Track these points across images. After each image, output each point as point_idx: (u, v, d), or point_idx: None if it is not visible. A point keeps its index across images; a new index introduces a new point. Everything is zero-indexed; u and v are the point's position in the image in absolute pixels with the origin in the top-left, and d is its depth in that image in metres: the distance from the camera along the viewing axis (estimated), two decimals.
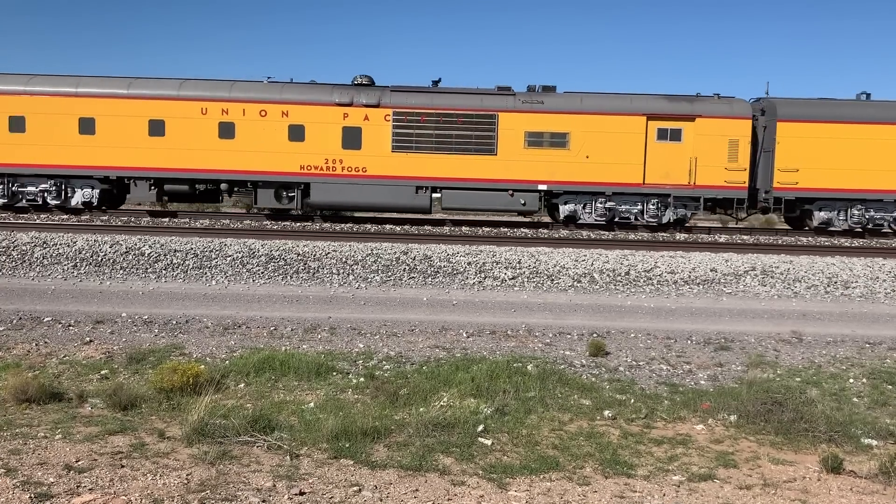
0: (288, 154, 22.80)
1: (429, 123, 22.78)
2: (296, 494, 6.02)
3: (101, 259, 15.26)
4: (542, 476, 6.66)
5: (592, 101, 23.09)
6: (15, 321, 11.84)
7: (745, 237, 22.67)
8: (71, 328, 11.58)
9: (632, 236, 21.88)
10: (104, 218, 22.22)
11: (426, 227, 22.90)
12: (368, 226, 22.75)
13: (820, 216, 23.38)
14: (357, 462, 6.78)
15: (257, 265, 15.27)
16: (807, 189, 23.08)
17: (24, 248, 15.57)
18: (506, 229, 22.64)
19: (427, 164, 22.80)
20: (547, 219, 26.01)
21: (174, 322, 12.09)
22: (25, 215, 22.37)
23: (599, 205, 22.96)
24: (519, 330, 12.28)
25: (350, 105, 22.75)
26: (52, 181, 23.04)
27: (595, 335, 11.97)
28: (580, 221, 23.11)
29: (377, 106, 22.77)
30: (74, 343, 10.73)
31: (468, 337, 11.76)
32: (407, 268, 15.40)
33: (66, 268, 14.99)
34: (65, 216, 22.56)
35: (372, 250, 16.14)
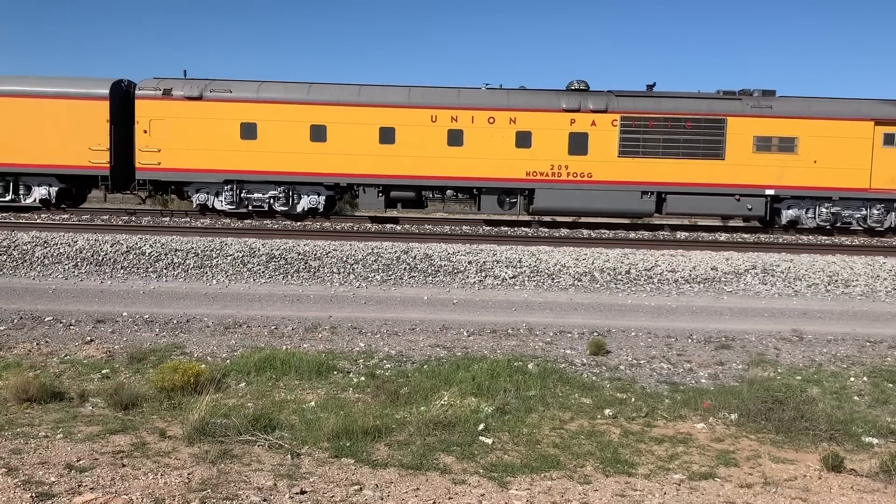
0: (514, 160, 22.86)
1: (656, 128, 22.73)
2: (297, 493, 6.02)
3: (102, 258, 15.27)
4: (542, 475, 6.66)
5: (821, 105, 23.09)
6: (16, 321, 11.85)
7: (745, 236, 22.64)
8: (72, 327, 11.59)
9: (632, 235, 21.88)
10: (105, 217, 22.22)
11: (426, 227, 22.90)
12: (369, 225, 22.75)
13: None
14: (358, 461, 6.79)
15: (258, 264, 15.28)
16: None
17: (24, 247, 15.58)
18: (506, 228, 22.63)
19: (653, 169, 22.74)
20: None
21: (175, 321, 12.09)
22: (26, 215, 22.36)
23: (824, 210, 22.98)
24: (520, 329, 12.28)
25: (577, 111, 22.77)
26: (282, 188, 23.12)
27: (596, 334, 11.97)
28: (801, 226, 23.21)
29: (605, 111, 22.76)
30: (75, 342, 10.74)
31: (469, 336, 11.76)
32: (407, 267, 15.41)
33: (66, 267, 15.00)
34: (65, 216, 22.54)
35: (372, 249, 16.15)
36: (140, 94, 22.90)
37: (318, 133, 22.82)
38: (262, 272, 15.07)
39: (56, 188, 23.13)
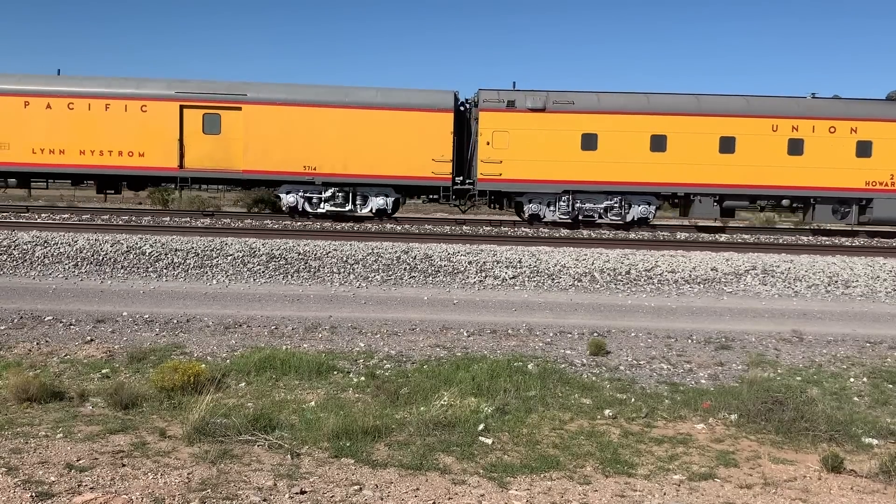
0: (853, 170, 23.06)
1: None
2: (297, 493, 6.02)
3: (102, 258, 15.28)
4: (542, 475, 6.66)
5: None
6: (16, 320, 11.85)
7: (745, 236, 22.66)
8: (72, 327, 11.59)
9: (632, 235, 21.88)
10: (105, 217, 22.24)
11: (427, 227, 22.91)
12: (369, 225, 22.76)
13: None
14: (358, 461, 6.79)
15: (258, 264, 15.28)
16: None
17: (25, 247, 15.58)
18: (506, 228, 22.64)
19: None
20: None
21: (175, 321, 12.09)
22: (26, 214, 22.37)
23: None
24: (520, 329, 12.28)
25: None
26: (616, 198, 23.29)
27: (596, 334, 11.97)
28: None
29: None
30: (75, 342, 10.74)
31: (469, 336, 11.76)
32: (408, 267, 15.41)
33: (67, 267, 15.00)
34: (66, 215, 22.56)
35: (373, 249, 16.15)
36: (484, 105, 23.19)
37: (657, 143, 23.04)
38: (263, 272, 15.07)
39: (392, 198, 23.56)
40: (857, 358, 11.13)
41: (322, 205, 23.47)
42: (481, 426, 7.69)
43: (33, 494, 5.76)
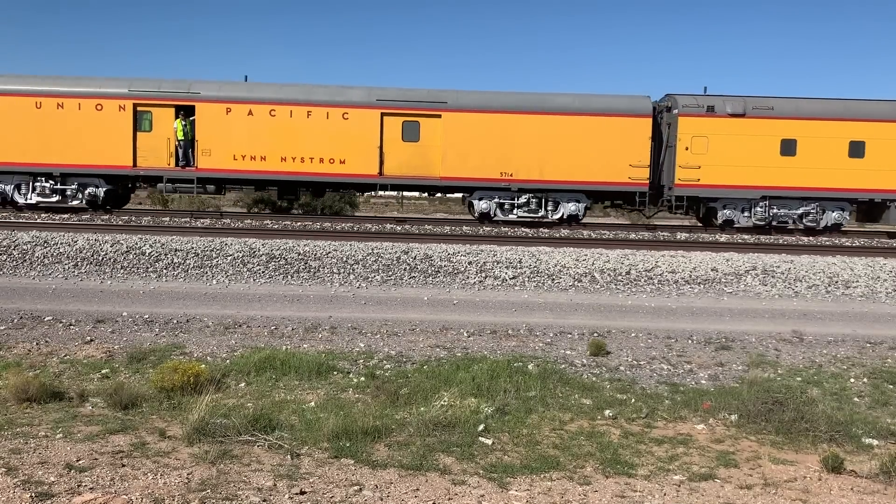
0: None
1: None
2: (296, 494, 6.02)
3: (102, 258, 15.27)
4: (542, 475, 6.65)
5: None
6: (16, 320, 11.85)
7: (745, 237, 22.65)
8: (72, 327, 11.59)
9: (632, 236, 21.88)
10: (105, 217, 22.23)
11: (427, 227, 22.91)
12: (369, 225, 22.76)
13: None
14: (358, 461, 6.78)
15: (258, 264, 15.28)
16: None
17: (24, 247, 15.58)
18: (506, 229, 22.64)
19: None
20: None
21: (175, 321, 12.09)
22: (26, 214, 22.36)
23: None
24: (520, 329, 12.28)
25: None
26: (814, 203, 23.44)
27: (596, 335, 11.97)
28: None
29: None
30: (75, 342, 10.74)
31: (469, 336, 11.76)
32: (408, 267, 15.41)
33: (66, 267, 15.00)
34: (65, 215, 22.55)
35: (373, 250, 16.14)
36: (683, 110, 23.26)
37: (855, 149, 23.16)
38: (263, 272, 15.07)
39: (583, 204, 23.70)
40: (857, 358, 11.13)
41: (515, 211, 23.56)
42: (481, 426, 7.68)
43: (33, 495, 5.75)
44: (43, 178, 23.04)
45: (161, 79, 23.52)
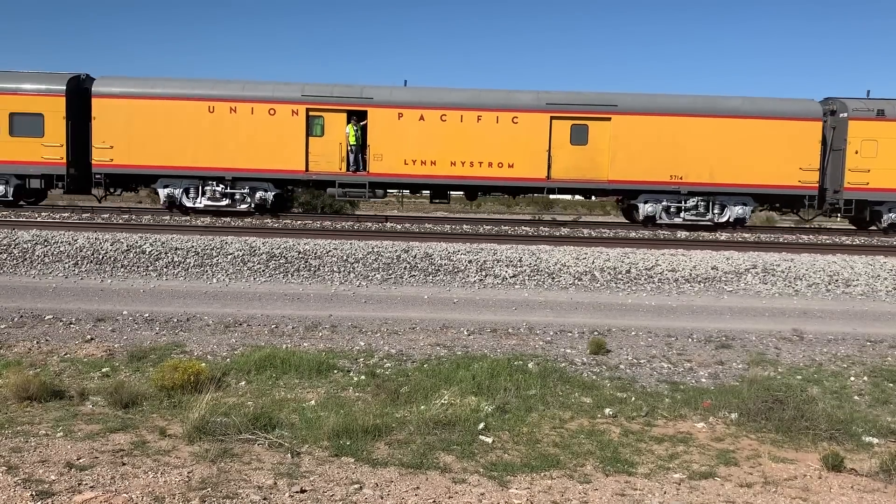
0: None
1: None
2: (297, 492, 6.02)
3: (103, 257, 15.28)
4: (542, 474, 6.66)
5: None
6: (16, 319, 11.85)
7: (745, 235, 22.65)
8: (72, 326, 11.59)
9: (632, 234, 21.88)
10: (105, 216, 22.23)
11: (427, 226, 22.91)
12: (369, 224, 22.75)
13: None
14: (358, 460, 6.79)
15: (258, 263, 15.28)
16: None
17: (25, 245, 15.58)
18: (507, 227, 22.63)
19: None
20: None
21: (175, 320, 12.10)
22: (26, 213, 22.37)
23: None
24: (520, 328, 12.28)
25: None
26: None
27: (596, 333, 11.97)
28: None
29: None
30: (75, 341, 10.74)
31: (469, 335, 11.76)
32: (408, 266, 15.41)
33: (67, 266, 15.00)
34: (66, 214, 22.55)
35: (373, 248, 16.14)
36: (853, 114, 23.27)
37: None
38: (263, 271, 15.07)
39: (750, 207, 23.75)
40: (857, 357, 11.13)
41: (681, 214, 23.58)
42: (481, 425, 7.69)
43: (33, 493, 5.76)
44: (214, 182, 23.04)
45: (333, 84, 23.56)
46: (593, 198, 29.10)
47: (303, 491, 6.05)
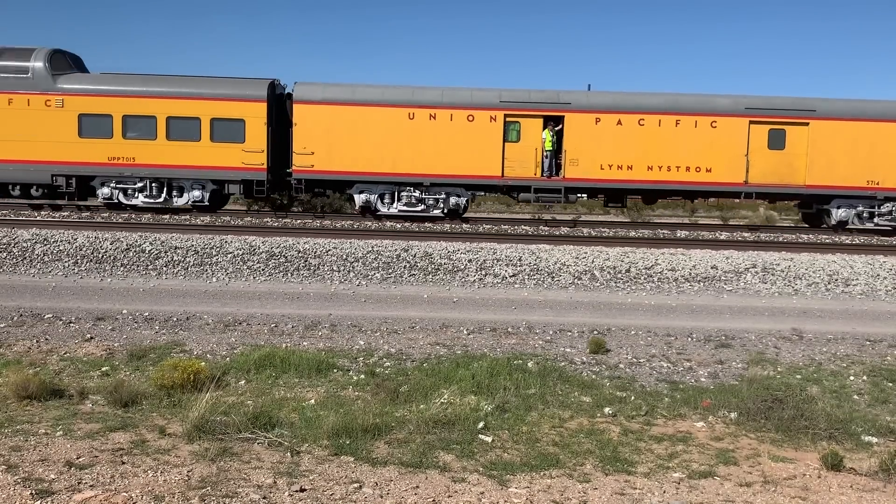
0: None
1: None
2: (296, 491, 6.03)
3: (102, 256, 15.27)
4: (542, 473, 6.66)
5: None
6: (16, 318, 11.85)
7: (745, 234, 22.64)
8: (72, 325, 11.59)
9: (632, 233, 21.87)
10: (105, 215, 22.22)
11: (426, 225, 22.90)
12: (369, 223, 22.75)
13: None
14: (358, 459, 6.79)
15: (258, 262, 15.28)
16: None
17: (24, 244, 15.58)
18: (506, 227, 22.63)
19: None
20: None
21: (175, 319, 12.09)
22: (26, 212, 22.36)
23: None
24: (519, 327, 12.28)
25: None
26: None
27: (595, 332, 11.97)
28: None
29: None
30: (75, 340, 10.74)
31: (469, 334, 11.76)
32: (407, 265, 15.41)
33: (66, 265, 15.00)
34: (65, 213, 22.55)
35: (372, 247, 16.14)
36: None
37: None
38: (262, 270, 15.07)
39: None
40: (856, 356, 11.13)
41: (874, 219, 23.57)
42: (481, 424, 7.69)
43: (33, 492, 5.76)
44: (411, 188, 23.06)
45: (529, 89, 23.57)
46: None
47: (302, 490, 6.06)
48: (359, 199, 23.19)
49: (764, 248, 18.78)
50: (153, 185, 22.68)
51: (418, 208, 23.12)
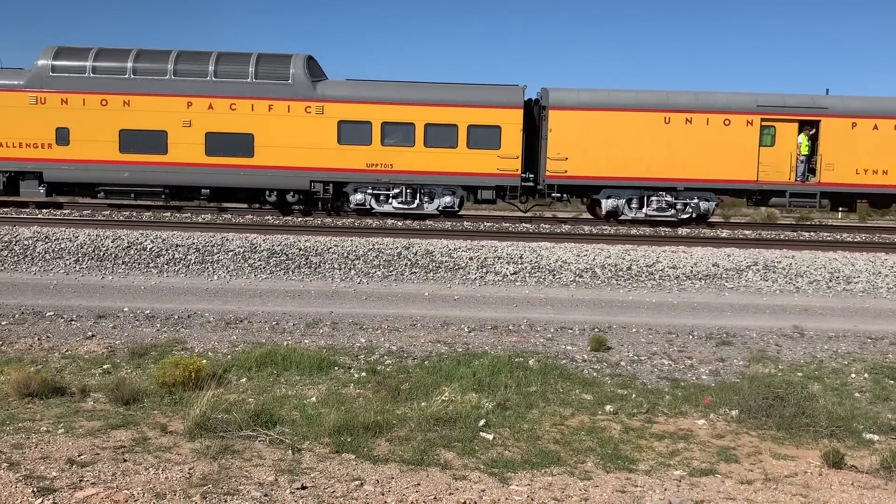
0: None
1: None
2: (298, 489, 6.03)
3: (103, 254, 15.28)
4: (543, 470, 6.67)
5: None
6: (17, 316, 11.86)
7: (746, 232, 22.62)
8: (73, 323, 11.60)
9: (633, 231, 21.86)
10: (106, 213, 22.23)
11: (427, 223, 22.89)
12: (370, 221, 22.74)
13: None
14: (359, 456, 6.80)
15: (259, 260, 15.28)
16: None
17: (26, 242, 15.59)
18: (507, 224, 22.62)
19: None
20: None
21: (176, 317, 12.10)
22: (27, 210, 22.38)
23: None
24: (520, 325, 12.28)
25: None
26: None
27: (597, 330, 11.97)
28: None
29: None
30: (77, 338, 10.75)
31: (470, 332, 11.76)
32: (409, 263, 15.41)
33: (68, 262, 15.01)
34: (67, 211, 22.56)
35: (374, 245, 16.14)
36: None
37: None
38: (264, 268, 15.07)
39: None
40: (858, 354, 11.13)
41: None
42: (482, 422, 7.69)
43: (35, 490, 5.77)
44: (663, 193, 22.97)
45: (784, 94, 23.56)
46: None
47: (304, 487, 6.06)
48: (606, 204, 23.06)
49: (765, 245, 18.77)
50: (408, 191, 22.79)
51: (668, 213, 23.10)
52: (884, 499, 6.32)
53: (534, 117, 23.30)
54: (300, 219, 22.26)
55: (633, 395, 8.87)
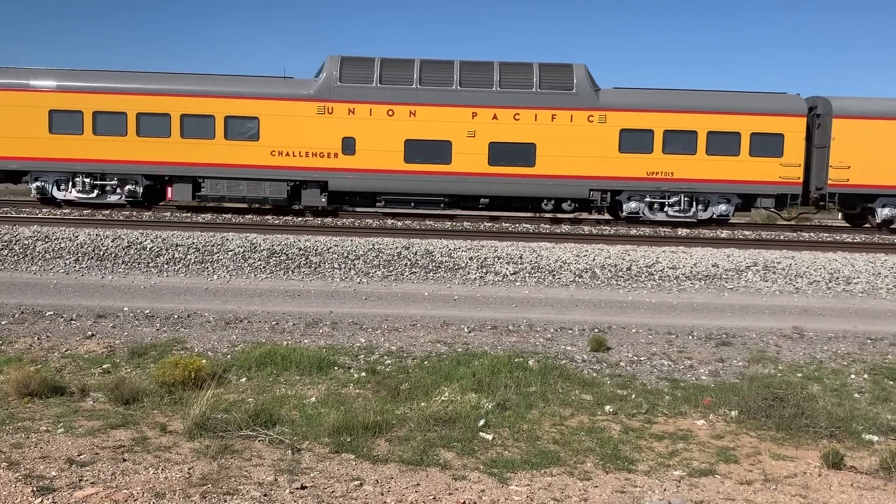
0: None
1: None
2: (297, 488, 6.03)
3: (103, 253, 15.28)
4: (543, 471, 6.67)
5: None
6: (17, 315, 11.86)
7: (746, 233, 22.62)
8: (73, 322, 11.60)
9: (633, 231, 21.86)
10: (106, 212, 22.23)
11: (427, 222, 22.89)
12: (370, 220, 22.74)
13: None
14: (358, 456, 6.80)
15: (259, 260, 15.28)
16: None
17: (26, 241, 15.59)
18: (507, 224, 22.62)
19: None
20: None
21: (176, 316, 12.10)
22: (27, 209, 22.37)
23: None
24: (520, 325, 12.28)
25: None
26: None
27: (596, 330, 11.97)
28: None
29: None
30: (76, 337, 10.75)
31: (469, 332, 11.76)
32: (408, 263, 15.41)
33: (67, 262, 15.01)
34: (67, 210, 22.55)
35: (373, 245, 16.14)
36: None
37: None
38: (264, 267, 15.07)
39: None
40: (857, 354, 11.13)
41: None
42: (482, 422, 7.70)
43: (34, 489, 5.77)
44: None
45: None
46: None
47: (303, 487, 6.07)
48: (881, 212, 22.95)
49: (765, 246, 18.77)
50: (685, 199, 22.88)
51: None
52: (883, 499, 6.32)
53: (807, 125, 23.16)
54: (300, 218, 22.26)
55: (633, 396, 8.87)
